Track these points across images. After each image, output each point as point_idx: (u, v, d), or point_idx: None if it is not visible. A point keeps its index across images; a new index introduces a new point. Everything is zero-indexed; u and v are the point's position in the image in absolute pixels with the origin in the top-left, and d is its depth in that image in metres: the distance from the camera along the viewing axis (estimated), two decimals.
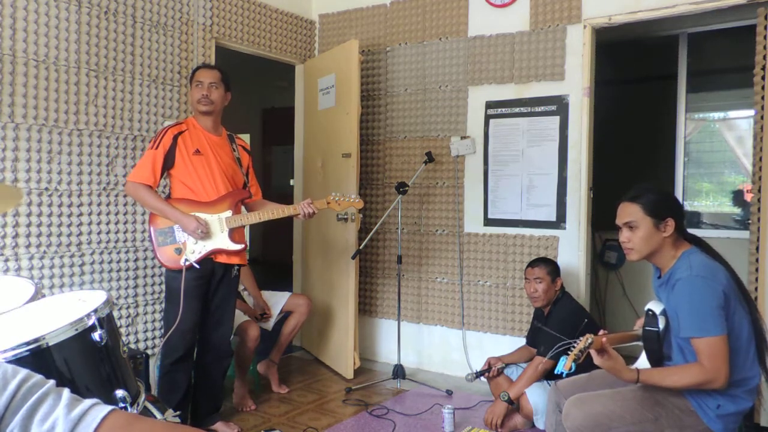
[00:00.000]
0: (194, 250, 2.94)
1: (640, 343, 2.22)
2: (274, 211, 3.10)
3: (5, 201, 2.06)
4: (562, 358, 1.93)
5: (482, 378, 3.50)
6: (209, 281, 3.03)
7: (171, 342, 2.92)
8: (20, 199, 2.93)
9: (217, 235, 2.99)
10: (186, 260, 2.91)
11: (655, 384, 2.03)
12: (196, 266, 2.93)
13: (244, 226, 3.10)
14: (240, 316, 3.56)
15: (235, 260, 3.09)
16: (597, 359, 2.00)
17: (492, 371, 3.40)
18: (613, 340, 2.13)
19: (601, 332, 2.09)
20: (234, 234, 3.02)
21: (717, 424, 2.02)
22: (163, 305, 3.31)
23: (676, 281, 2.04)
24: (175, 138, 2.94)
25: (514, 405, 3.15)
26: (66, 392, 0.90)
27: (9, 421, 0.84)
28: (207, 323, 3.09)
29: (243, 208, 3.18)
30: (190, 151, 2.97)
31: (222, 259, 3.03)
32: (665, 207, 2.12)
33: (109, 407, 0.89)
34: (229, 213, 3.01)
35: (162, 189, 3.26)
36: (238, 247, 3.03)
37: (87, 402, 0.89)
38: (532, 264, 3.39)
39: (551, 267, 3.33)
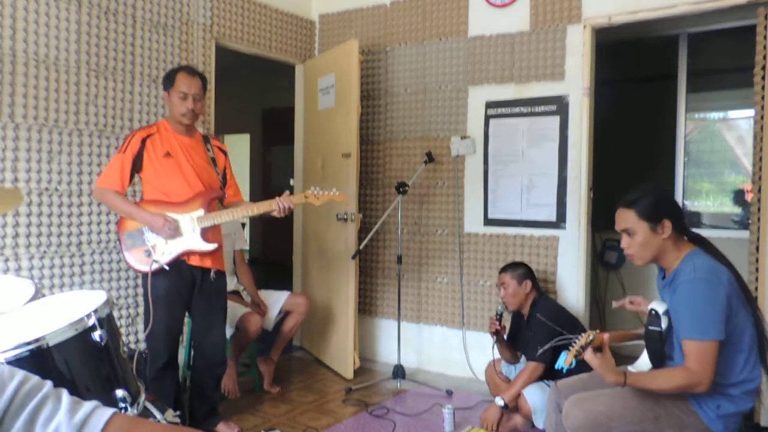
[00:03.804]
0: (164, 252, 2.85)
1: (642, 342, 2.22)
2: (248, 208, 2.98)
3: (5, 203, 2.06)
4: (562, 354, 1.92)
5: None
6: (191, 288, 2.95)
7: (154, 347, 2.88)
8: (20, 201, 2.92)
9: (188, 234, 2.88)
10: (155, 262, 2.80)
11: (642, 387, 2.02)
12: (166, 268, 2.84)
13: (218, 226, 3.00)
14: (241, 308, 3.57)
15: (208, 263, 2.96)
16: (589, 355, 1.98)
17: (500, 326, 3.27)
18: (615, 338, 2.12)
19: (589, 331, 2.07)
20: (207, 234, 2.93)
21: (717, 424, 2.02)
22: None
23: (679, 284, 2.02)
24: (143, 141, 2.89)
25: (509, 409, 3.14)
26: (65, 395, 0.89)
27: (9, 426, 0.84)
28: (196, 331, 3.06)
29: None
30: (159, 154, 2.89)
31: (195, 261, 2.93)
32: (660, 209, 2.09)
33: (111, 411, 0.89)
34: (201, 212, 2.90)
35: (136, 192, 3.22)
36: (211, 246, 2.92)
37: (88, 405, 0.89)
38: (499, 271, 3.42)
39: (519, 271, 3.32)
